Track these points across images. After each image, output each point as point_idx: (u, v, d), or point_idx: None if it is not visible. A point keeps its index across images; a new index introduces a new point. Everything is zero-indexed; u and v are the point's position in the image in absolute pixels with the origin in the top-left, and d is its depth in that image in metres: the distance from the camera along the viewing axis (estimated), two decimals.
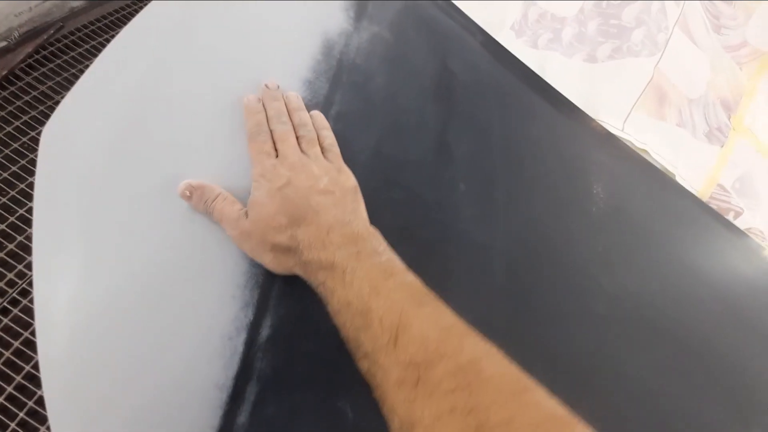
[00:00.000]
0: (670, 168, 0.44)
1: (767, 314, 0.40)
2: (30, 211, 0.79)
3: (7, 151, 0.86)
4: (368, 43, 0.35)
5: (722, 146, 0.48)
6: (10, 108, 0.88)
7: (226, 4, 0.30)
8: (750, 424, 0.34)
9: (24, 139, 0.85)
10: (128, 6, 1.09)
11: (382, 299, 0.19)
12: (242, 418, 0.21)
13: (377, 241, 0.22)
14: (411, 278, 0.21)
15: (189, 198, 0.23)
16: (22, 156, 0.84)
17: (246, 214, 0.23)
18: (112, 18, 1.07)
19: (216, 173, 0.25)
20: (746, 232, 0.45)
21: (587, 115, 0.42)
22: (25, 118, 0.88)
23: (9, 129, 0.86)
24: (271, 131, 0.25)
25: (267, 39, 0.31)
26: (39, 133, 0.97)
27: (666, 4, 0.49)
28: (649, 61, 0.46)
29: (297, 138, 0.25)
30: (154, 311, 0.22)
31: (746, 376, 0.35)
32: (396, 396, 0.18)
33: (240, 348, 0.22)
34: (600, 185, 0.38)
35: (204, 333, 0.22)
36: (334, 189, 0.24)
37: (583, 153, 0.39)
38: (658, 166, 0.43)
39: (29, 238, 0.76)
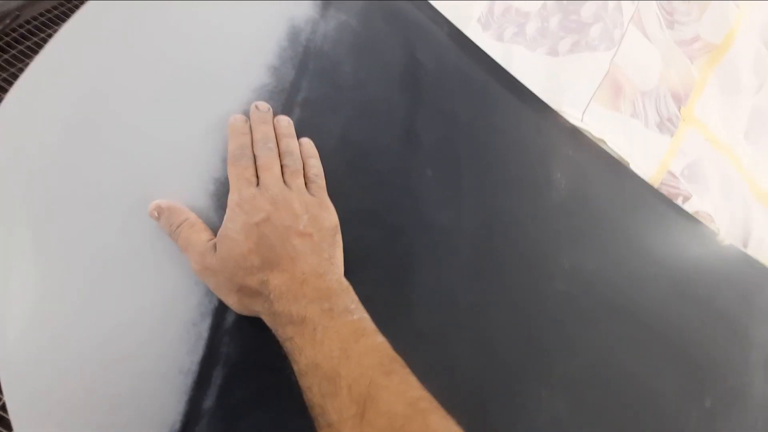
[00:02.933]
0: (625, 156, 0.46)
1: (714, 290, 0.43)
2: None
3: None
4: (335, 31, 0.35)
5: (672, 136, 0.51)
6: None
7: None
8: (702, 393, 0.37)
9: None
10: None
11: (352, 364, 0.19)
12: (208, 402, 0.21)
13: (350, 297, 0.21)
14: (381, 340, 0.20)
15: (157, 219, 0.22)
16: None
17: (214, 246, 0.21)
18: (70, 5, 1.01)
19: (189, 162, 0.25)
20: (694, 215, 0.48)
21: (549, 106, 0.44)
22: None
23: None
24: (255, 156, 0.24)
25: (231, 24, 0.30)
26: None
27: (622, 2, 0.52)
28: (605, 55, 0.48)
29: (281, 167, 0.24)
30: (116, 297, 0.21)
31: (695, 348, 0.38)
32: None
33: (205, 333, 0.22)
34: (560, 172, 0.40)
35: (167, 319, 0.22)
36: (313, 231, 0.22)
37: (544, 142, 0.41)
38: (614, 154, 0.46)
39: None
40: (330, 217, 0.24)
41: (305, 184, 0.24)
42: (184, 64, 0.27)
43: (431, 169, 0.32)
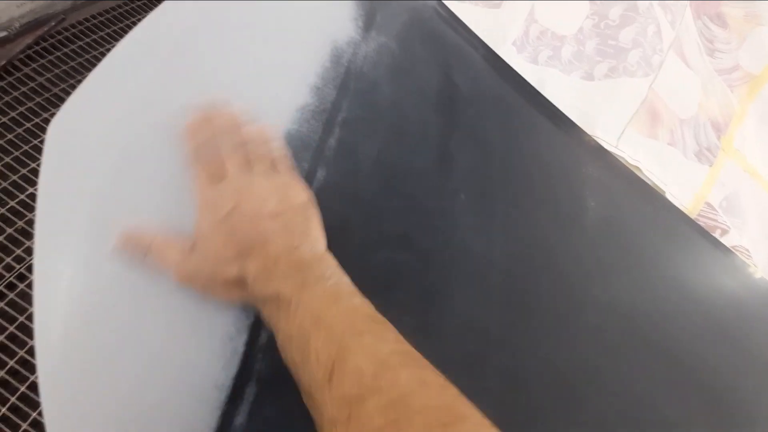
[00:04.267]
0: (660, 185, 0.45)
1: (749, 328, 0.41)
2: (31, 196, 0.78)
3: (9, 136, 0.85)
4: (375, 53, 0.36)
5: (711, 166, 0.49)
6: (7, 98, 0.87)
7: (237, 9, 0.30)
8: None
9: (20, 130, 0.84)
10: (130, 2, 1.09)
11: (323, 331, 0.19)
12: (240, 419, 0.21)
13: (325, 265, 0.21)
14: (358, 301, 0.20)
15: (126, 253, 0.22)
16: (22, 143, 0.82)
17: (190, 251, 0.21)
18: (114, 13, 1.06)
19: None
20: (732, 249, 0.46)
21: (583, 131, 0.43)
22: (22, 108, 0.87)
23: (5, 119, 0.84)
24: (215, 150, 0.24)
25: (277, 45, 0.31)
26: (37, 123, 0.96)
27: (662, 27, 0.51)
28: (643, 81, 0.48)
29: (245, 154, 0.24)
30: (155, 308, 0.22)
31: (729, 392, 0.36)
32: None
33: (240, 349, 0.22)
34: (594, 199, 0.39)
35: (205, 333, 0.22)
36: (283, 209, 0.22)
37: (579, 167, 0.41)
38: (649, 182, 0.45)
39: (29, 223, 0.75)
40: (299, 193, 0.24)
41: (272, 167, 0.24)
42: (233, 84, 0.28)
43: (464, 193, 0.32)
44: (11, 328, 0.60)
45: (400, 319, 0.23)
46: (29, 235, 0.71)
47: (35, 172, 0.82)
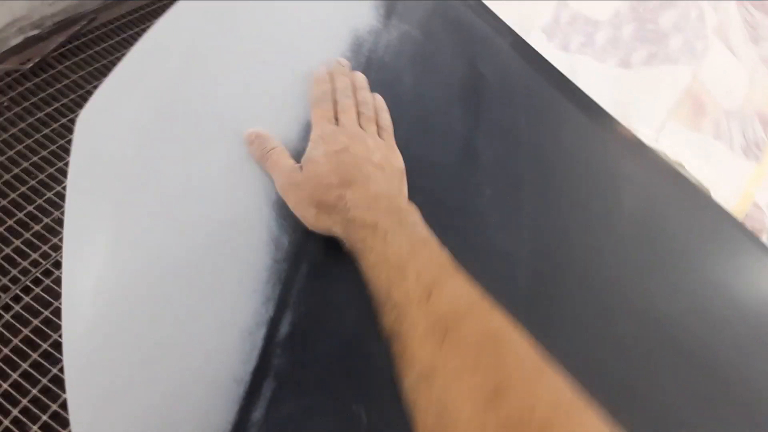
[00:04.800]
0: (705, 182, 0.42)
1: None
2: (58, 194, 0.82)
3: (38, 136, 0.89)
4: (397, 42, 0.35)
5: (759, 163, 0.46)
6: (42, 95, 0.92)
7: (255, 2, 0.30)
8: None
9: (55, 125, 0.89)
10: (159, 0, 1.12)
11: (420, 259, 0.21)
12: (258, 414, 0.21)
13: (418, 216, 0.24)
14: (446, 253, 0.22)
15: (251, 144, 0.25)
16: (53, 141, 0.87)
17: (299, 168, 0.24)
18: (143, 12, 1.10)
19: (253, 171, 0.25)
20: None
21: (620, 123, 0.41)
22: (56, 105, 0.91)
23: (40, 114, 0.89)
24: (334, 102, 0.27)
25: (297, 35, 0.31)
26: (70, 120, 1.00)
27: (705, 11, 0.47)
28: (686, 69, 0.44)
29: (357, 114, 0.27)
30: (178, 301, 0.22)
31: None
32: (421, 346, 0.18)
33: (259, 343, 0.22)
34: (631, 197, 0.37)
35: (225, 326, 0.22)
36: (385, 165, 0.25)
37: (614, 163, 0.38)
38: (692, 180, 0.42)
39: (56, 221, 0.78)
40: (398, 159, 0.27)
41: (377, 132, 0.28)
42: (255, 77, 0.28)
43: (490, 188, 0.31)
44: (36, 322, 0.63)
45: None
46: (55, 232, 0.75)
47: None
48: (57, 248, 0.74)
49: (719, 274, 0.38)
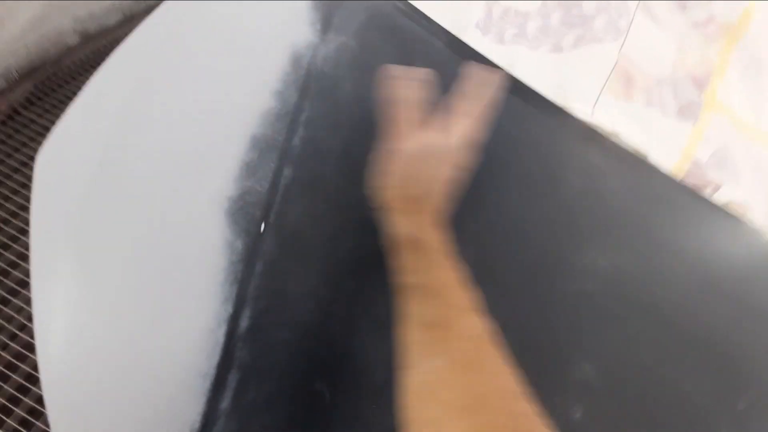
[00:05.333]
0: (641, 148, 0.45)
1: (749, 285, 0.41)
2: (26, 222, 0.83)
3: (9, 184, 0.91)
4: (335, 53, 0.38)
5: (695, 122, 0.49)
6: (11, 143, 0.94)
7: (201, 29, 0.33)
8: (735, 395, 0.34)
9: (26, 171, 0.90)
10: (119, 39, 1.14)
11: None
12: (225, 404, 0.23)
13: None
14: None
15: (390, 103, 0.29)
16: (25, 187, 0.88)
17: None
18: (106, 52, 1.12)
19: (204, 183, 0.28)
20: (725, 206, 0.46)
21: (555, 104, 0.44)
22: (26, 151, 0.93)
23: (11, 162, 0.90)
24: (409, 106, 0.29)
25: (238, 56, 0.34)
26: None
27: None
28: (612, 46, 0.48)
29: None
30: (144, 309, 0.24)
31: (728, 346, 0.36)
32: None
33: (221, 339, 0.24)
34: (572, 171, 0.40)
35: (188, 327, 0.24)
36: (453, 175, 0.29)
37: (554, 141, 0.41)
38: (629, 149, 0.45)
39: (26, 246, 0.79)
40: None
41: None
42: (199, 95, 0.31)
43: None
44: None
45: (374, 298, 0.24)
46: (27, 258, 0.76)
47: None
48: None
49: (664, 230, 0.41)
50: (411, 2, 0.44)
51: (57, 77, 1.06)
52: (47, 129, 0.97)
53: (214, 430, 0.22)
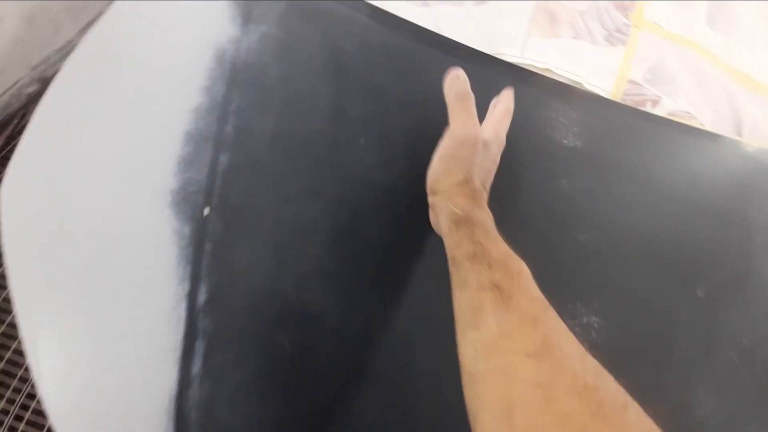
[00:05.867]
0: (575, 78, 0.47)
1: (705, 183, 0.42)
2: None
3: None
4: (258, 43, 0.40)
5: (626, 45, 0.51)
6: None
7: (119, 30, 0.35)
8: (693, 283, 0.36)
9: None
10: None
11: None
12: (196, 368, 0.26)
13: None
14: None
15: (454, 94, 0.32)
16: None
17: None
18: None
19: (146, 181, 0.30)
20: (669, 116, 0.48)
21: (484, 53, 0.46)
22: None
23: None
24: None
25: (165, 59, 0.36)
26: None
27: None
28: None
29: None
30: (111, 300, 0.27)
31: (683, 240, 0.38)
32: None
33: (183, 314, 0.27)
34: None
35: (152, 310, 0.27)
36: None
37: (484, 87, 0.43)
38: (564, 80, 0.47)
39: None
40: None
41: None
42: (131, 98, 0.33)
43: (363, 138, 0.36)
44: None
45: (320, 257, 0.27)
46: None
47: None
48: None
49: (609, 152, 0.43)
50: None
51: (25, 127, 1.08)
52: None
53: (190, 392, 0.25)
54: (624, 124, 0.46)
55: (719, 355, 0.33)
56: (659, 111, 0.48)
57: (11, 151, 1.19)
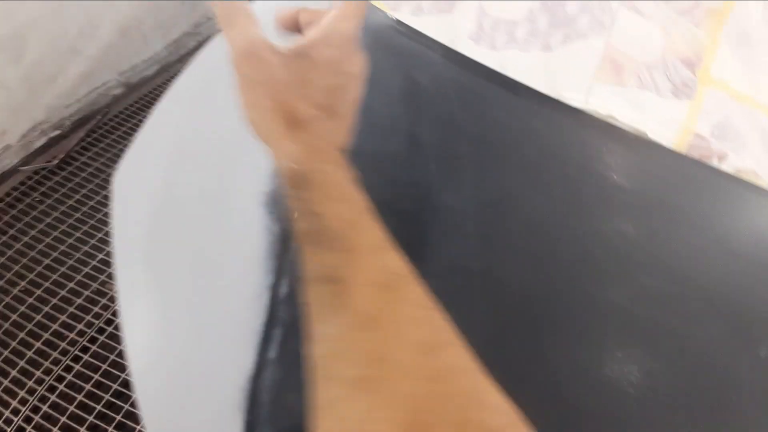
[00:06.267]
0: (639, 127, 0.49)
1: (762, 242, 0.42)
2: (95, 268, 0.95)
3: (77, 215, 1.05)
4: None
5: (691, 99, 0.52)
6: (70, 185, 1.09)
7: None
8: (755, 342, 0.35)
9: (85, 209, 1.04)
10: (160, 87, 1.32)
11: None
12: (272, 353, 0.29)
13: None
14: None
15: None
16: (84, 223, 1.01)
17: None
18: (147, 99, 1.30)
19: (245, 184, 0.35)
20: (736, 174, 0.48)
21: (548, 96, 0.49)
22: (82, 192, 1.08)
23: (71, 202, 1.05)
24: None
25: None
26: (97, 203, 1.17)
27: None
28: (598, 40, 0.53)
29: None
30: (210, 285, 0.31)
31: (742, 297, 0.37)
32: (363, 294, 0.17)
33: (266, 302, 0.30)
34: (567, 153, 0.44)
35: (242, 294, 0.31)
36: None
37: (546, 127, 0.46)
38: (627, 128, 0.49)
39: (95, 292, 0.91)
40: None
41: None
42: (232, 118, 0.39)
43: (434, 163, 0.39)
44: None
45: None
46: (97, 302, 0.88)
47: (103, 240, 0.99)
48: (106, 307, 0.87)
49: (671, 199, 0.43)
50: (408, 24, 0.52)
51: (105, 125, 1.23)
52: (100, 171, 1.12)
53: (264, 374, 0.28)
54: (690, 175, 0.46)
55: None
56: (726, 167, 0.48)
57: (90, 143, 1.33)
